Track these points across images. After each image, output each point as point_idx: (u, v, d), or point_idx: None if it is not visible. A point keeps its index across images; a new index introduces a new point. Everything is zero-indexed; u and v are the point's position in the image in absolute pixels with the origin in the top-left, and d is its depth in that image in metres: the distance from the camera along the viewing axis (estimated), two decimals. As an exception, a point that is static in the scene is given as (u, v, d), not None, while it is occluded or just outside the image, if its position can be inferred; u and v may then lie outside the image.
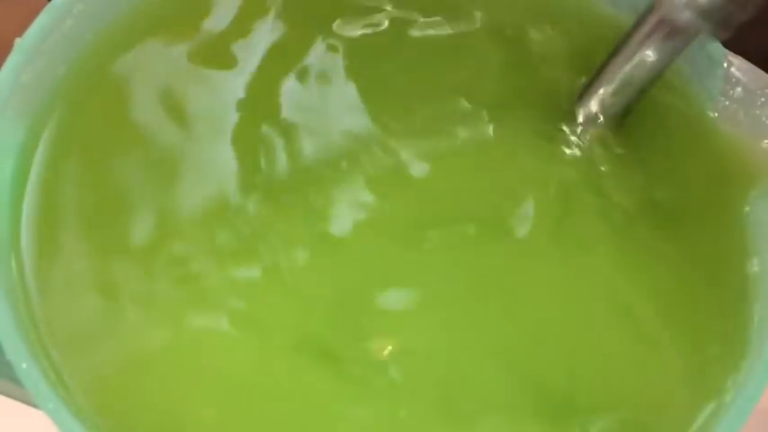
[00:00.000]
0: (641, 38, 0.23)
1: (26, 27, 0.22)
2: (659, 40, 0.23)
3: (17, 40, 0.22)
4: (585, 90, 0.24)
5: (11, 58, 0.22)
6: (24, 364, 0.18)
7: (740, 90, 0.23)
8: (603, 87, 0.24)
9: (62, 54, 0.23)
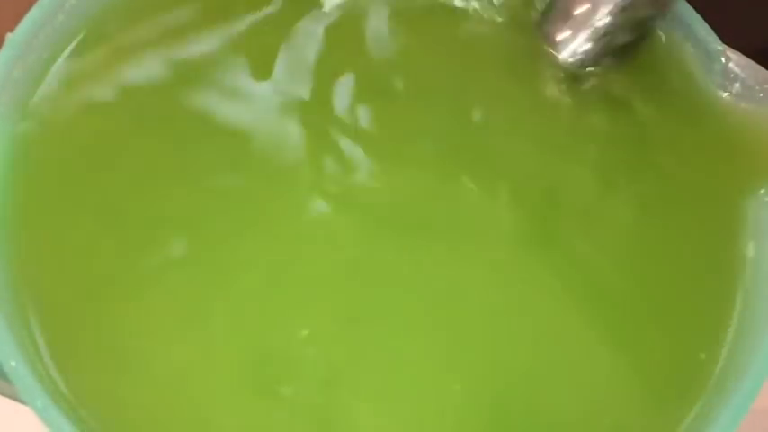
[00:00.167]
0: None
1: (17, 22, 0.22)
2: None
3: (8, 35, 0.22)
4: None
5: (2, 52, 0.22)
6: (13, 362, 0.18)
7: (738, 85, 0.23)
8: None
9: (53, 49, 0.23)
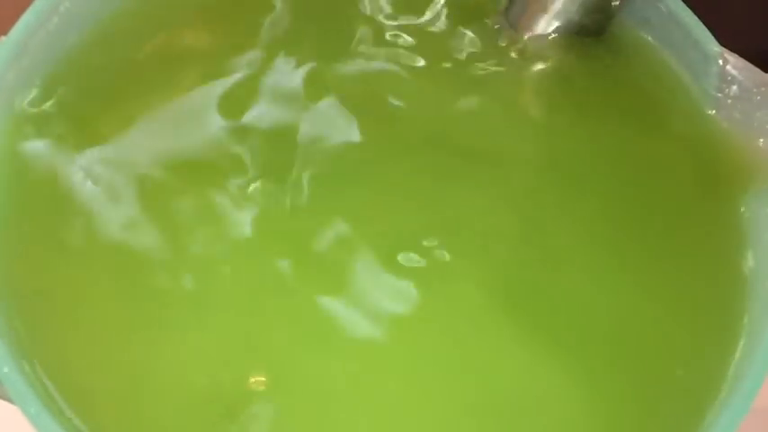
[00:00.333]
0: None
1: (11, 25, 0.22)
2: None
3: (2, 39, 0.22)
4: None
5: (-5, 56, 0.22)
6: (6, 368, 0.18)
7: (736, 88, 0.23)
8: None
9: (48, 52, 0.23)
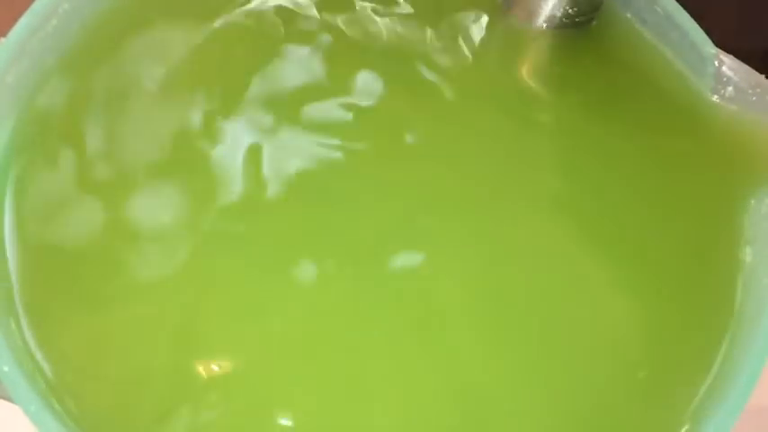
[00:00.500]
0: None
1: (10, 27, 0.22)
2: None
3: (1, 40, 0.22)
4: None
5: (-5, 58, 0.22)
6: (6, 368, 0.18)
7: (731, 89, 0.24)
8: None
9: (47, 54, 0.23)
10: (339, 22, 0.25)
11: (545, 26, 0.25)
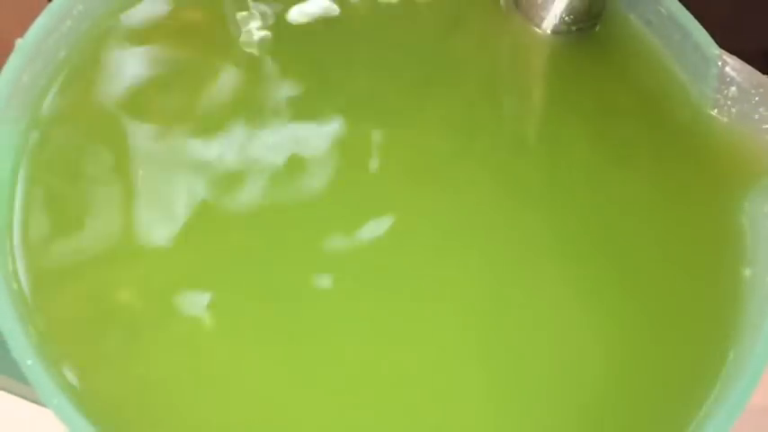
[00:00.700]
0: None
1: (26, 27, 0.22)
2: None
3: (18, 41, 0.22)
4: None
5: (12, 58, 0.22)
6: (29, 361, 0.19)
7: (734, 89, 0.24)
8: None
9: (62, 54, 0.23)
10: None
11: (548, 31, 0.26)
